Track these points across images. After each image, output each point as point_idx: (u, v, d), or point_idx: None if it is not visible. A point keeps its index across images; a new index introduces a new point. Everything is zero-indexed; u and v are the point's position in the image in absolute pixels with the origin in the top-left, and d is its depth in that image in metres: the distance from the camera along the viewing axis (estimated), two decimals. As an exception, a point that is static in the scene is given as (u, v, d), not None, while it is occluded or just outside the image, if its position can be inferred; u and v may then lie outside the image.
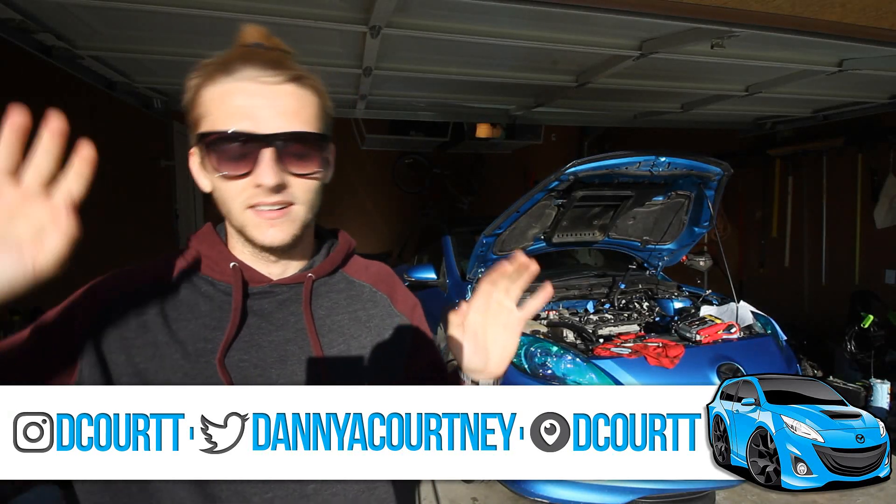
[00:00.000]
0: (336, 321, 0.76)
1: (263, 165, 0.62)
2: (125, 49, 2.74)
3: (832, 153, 4.99)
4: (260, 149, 0.62)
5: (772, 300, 5.30)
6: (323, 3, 2.20)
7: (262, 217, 0.65)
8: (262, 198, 0.64)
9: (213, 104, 0.63)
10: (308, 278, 0.74)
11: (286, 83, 0.64)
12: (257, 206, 0.65)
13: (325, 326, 0.74)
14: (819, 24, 2.19)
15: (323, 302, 0.76)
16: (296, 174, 0.65)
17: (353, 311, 0.78)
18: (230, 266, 0.70)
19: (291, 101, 0.64)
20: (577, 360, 2.48)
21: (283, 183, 0.64)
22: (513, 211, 2.78)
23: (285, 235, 0.67)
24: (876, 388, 3.73)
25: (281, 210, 0.65)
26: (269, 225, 0.65)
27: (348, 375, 0.74)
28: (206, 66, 0.65)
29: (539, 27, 2.47)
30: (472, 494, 2.84)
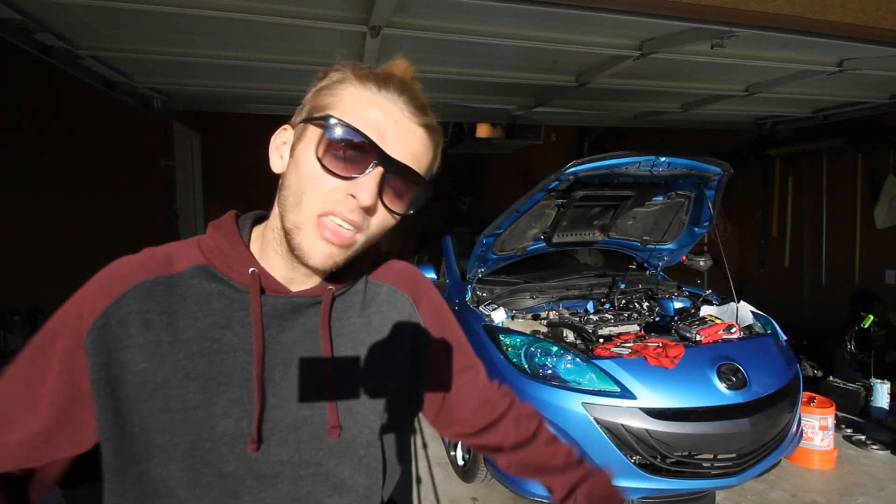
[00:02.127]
0: (346, 325, 0.72)
1: (368, 181, 0.60)
2: (125, 49, 2.74)
3: (832, 153, 4.99)
4: (375, 164, 0.60)
5: (772, 300, 5.31)
6: (323, 3, 2.20)
7: (323, 236, 0.61)
8: (342, 209, 0.61)
9: (352, 104, 0.62)
10: (328, 291, 0.70)
11: (423, 127, 0.64)
12: (329, 216, 0.61)
13: (336, 332, 0.71)
14: (819, 24, 2.19)
15: (337, 306, 0.72)
16: (386, 206, 0.64)
17: (367, 316, 0.74)
18: (249, 271, 0.66)
19: (420, 144, 0.64)
20: (577, 360, 2.48)
21: (373, 208, 0.62)
22: (513, 211, 2.78)
23: (331, 261, 0.63)
24: (876, 388, 3.73)
25: (344, 239, 0.62)
26: (325, 245, 0.62)
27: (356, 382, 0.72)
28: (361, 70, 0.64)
29: (539, 27, 2.47)
30: (473, 494, 2.84)
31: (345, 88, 0.63)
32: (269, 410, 0.66)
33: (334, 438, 0.69)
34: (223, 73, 3.23)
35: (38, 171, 3.58)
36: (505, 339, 2.68)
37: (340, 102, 0.62)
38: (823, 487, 2.90)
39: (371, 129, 0.60)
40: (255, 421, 0.64)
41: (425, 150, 0.65)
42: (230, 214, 0.72)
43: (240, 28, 2.42)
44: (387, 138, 0.61)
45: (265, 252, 0.69)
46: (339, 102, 0.62)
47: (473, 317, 2.96)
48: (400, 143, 0.62)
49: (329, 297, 0.70)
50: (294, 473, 0.67)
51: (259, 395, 0.65)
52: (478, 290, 3.26)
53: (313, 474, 0.68)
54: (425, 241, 4.63)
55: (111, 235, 4.10)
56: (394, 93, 0.62)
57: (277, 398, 0.66)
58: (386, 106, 0.62)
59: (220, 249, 0.67)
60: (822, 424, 3.06)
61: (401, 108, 0.62)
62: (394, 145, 0.61)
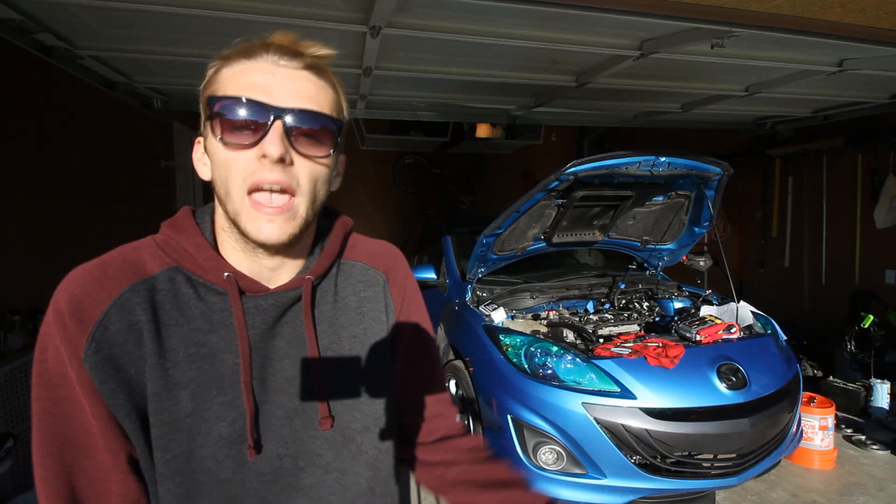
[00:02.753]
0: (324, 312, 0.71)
1: (271, 135, 0.59)
2: (125, 49, 2.74)
3: (832, 153, 4.99)
4: (270, 120, 0.59)
5: (772, 300, 5.31)
6: (323, 3, 2.20)
7: (261, 211, 0.61)
8: (264, 173, 0.59)
9: (229, 80, 0.61)
10: (307, 281, 0.69)
11: (304, 69, 0.62)
12: (258, 191, 0.60)
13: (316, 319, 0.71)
14: (819, 24, 2.19)
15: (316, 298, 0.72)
16: (303, 153, 0.62)
17: (343, 298, 0.74)
18: (224, 276, 0.65)
19: (308, 85, 0.62)
20: (577, 360, 2.48)
21: (287, 158, 0.60)
22: (513, 211, 2.78)
23: (282, 234, 0.62)
24: (876, 388, 3.73)
25: (280, 207, 0.61)
26: (267, 220, 0.61)
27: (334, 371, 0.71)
28: (226, 53, 0.63)
29: (539, 27, 2.47)
30: (472, 494, 2.84)
31: (219, 74, 0.63)
32: (262, 407, 0.65)
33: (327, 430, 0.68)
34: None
35: (37, 171, 3.58)
36: (505, 339, 2.68)
37: (220, 85, 0.62)
38: (823, 487, 2.90)
39: (255, 90, 0.60)
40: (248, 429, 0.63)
41: (319, 88, 0.63)
42: (186, 212, 0.69)
43: (240, 28, 2.41)
44: (273, 92, 0.60)
45: (226, 249, 0.67)
46: (220, 86, 0.62)
47: (473, 317, 2.96)
48: (286, 89, 0.60)
49: (308, 287, 0.69)
50: (293, 465, 0.66)
51: (250, 400, 0.64)
52: (478, 290, 3.26)
53: (312, 465, 0.67)
54: (425, 241, 4.63)
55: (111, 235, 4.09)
56: (262, 52, 0.61)
57: (267, 394, 0.66)
58: (259, 66, 0.61)
59: (186, 252, 0.65)
60: (822, 424, 3.06)
61: (274, 62, 0.61)
62: (280, 94, 0.60)
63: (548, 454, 2.40)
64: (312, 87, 0.62)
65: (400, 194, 7.68)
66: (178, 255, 0.65)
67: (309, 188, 0.63)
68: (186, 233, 0.66)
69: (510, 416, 2.46)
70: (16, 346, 3.26)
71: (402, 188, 7.67)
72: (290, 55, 0.62)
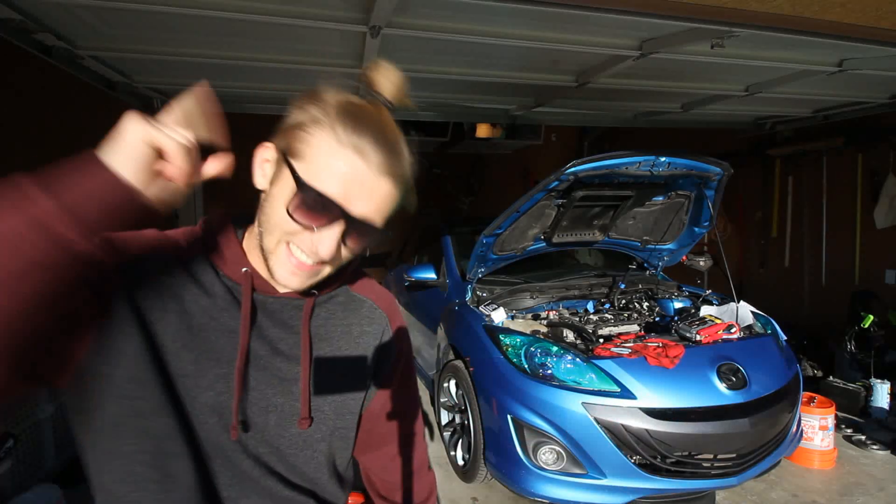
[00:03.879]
0: (329, 331, 0.79)
1: (329, 235, 0.64)
2: (125, 49, 2.74)
3: (832, 153, 4.99)
4: (337, 220, 0.64)
5: (772, 300, 5.31)
6: (323, 3, 2.20)
7: (291, 262, 0.67)
8: (306, 249, 0.66)
9: (320, 154, 0.64)
10: (311, 297, 0.77)
11: (390, 178, 0.66)
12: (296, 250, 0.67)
13: (318, 334, 0.77)
14: (819, 24, 2.19)
15: (320, 311, 0.79)
16: (345, 245, 0.68)
17: (348, 325, 0.81)
18: (242, 270, 0.72)
19: (384, 196, 0.66)
20: (577, 360, 2.48)
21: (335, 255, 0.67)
22: (513, 211, 2.78)
23: (301, 286, 0.70)
24: (876, 388, 3.73)
25: (310, 267, 0.68)
26: (292, 273, 0.68)
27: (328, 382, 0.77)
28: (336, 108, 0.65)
29: (539, 27, 2.47)
30: (473, 494, 2.84)
31: (317, 134, 0.64)
32: (250, 393, 0.71)
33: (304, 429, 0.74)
34: (223, 73, 3.23)
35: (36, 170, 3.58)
36: (505, 339, 2.68)
37: (312, 152, 0.64)
38: (823, 487, 2.90)
39: (337, 182, 0.63)
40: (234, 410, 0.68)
41: (389, 199, 0.67)
42: (223, 215, 0.77)
43: (240, 28, 2.41)
44: (352, 195, 0.64)
45: (253, 254, 0.74)
46: (311, 152, 0.64)
47: (473, 317, 2.96)
48: (364, 199, 0.64)
49: (311, 302, 0.76)
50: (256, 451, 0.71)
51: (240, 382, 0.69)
52: (478, 290, 3.26)
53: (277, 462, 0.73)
54: (425, 241, 4.63)
55: (111, 235, 4.10)
56: (366, 142, 0.63)
57: (257, 381, 0.72)
58: (354, 161, 0.63)
59: (218, 246, 0.73)
60: (822, 424, 3.06)
61: (369, 161, 0.63)
62: (358, 201, 0.64)
63: (548, 454, 2.40)
64: (387, 199, 0.67)
65: (400, 194, 7.67)
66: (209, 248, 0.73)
67: (338, 263, 0.71)
68: (223, 233, 0.74)
69: (510, 416, 2.46)
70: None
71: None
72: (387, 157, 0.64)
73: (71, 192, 0.46)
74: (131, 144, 0.49)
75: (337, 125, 0.63)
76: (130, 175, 0.49)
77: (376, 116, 0.66)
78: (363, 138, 0.63)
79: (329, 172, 0.63)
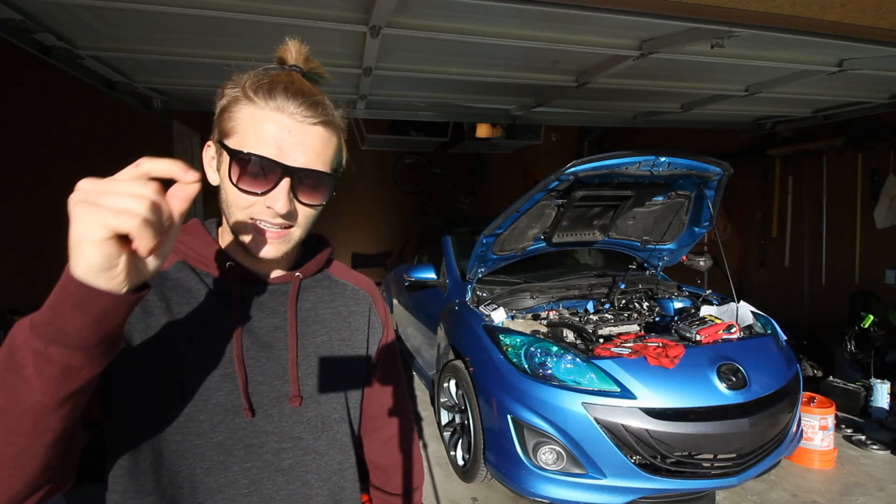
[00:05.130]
0: (320, 314, 0.82)
1: (279, 192, 0.67)
2: (125, 49, 2.74)
3: (832, 153, 4.99)
4: (280, 177, 0.67)
5: (772, 300, 5.31)
6: (323, 3, 2.20)
7: (260, 234, 0.70)
8: (267, 217, 0.69)
9: (247, 124, 0.68)
10: (296, 277, 0.80)
11: (317, 125, 0.69)
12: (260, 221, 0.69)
13: (310, 318, 0.81)
14: (819, 24, 2.19)
15: (308, 296, 0.82)
16: (303, 203, 0.71)
17: (336, 307, 0.85)
18: (227, 265, 0.75)
19: (318, 142, 0.69)
20: (577, 360, 2.48)
21: (292, 211, 0.70)
22: (513, 211, 2.78)
23: (277, 253, 0.72)
24: (876, 388, 3.73)
25: (278, 233, 0.70)
26: (266, 241, 0.71)
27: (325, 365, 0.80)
28: (250, 81, 0.69)
29: (539, 27, 2.47)
30: (473, 494, 2.84)
31: (239, 109, 0.69)
32: (256, 387, 0.73)
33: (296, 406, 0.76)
34: (223, 73, 3.21)
35: (37, 170, 3.58)
36: (505, 339, 2.68)
37: (240, 126, 0.68)
38: (823, 487, 2.90)
39: (270, 144, 0.67)
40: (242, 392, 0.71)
41: (326, 143, 0.70)
42: (196, 222, 0.79)
43: (240, 28, 2.41)
44: (286, 148, 0.67)
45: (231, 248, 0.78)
46: (239, 126, 0.68)
47: (473, 317, 2.96)
48: (299, 147, 0.68)
49: (297, 283, 0.80)
50: (277, 445, 0.74)
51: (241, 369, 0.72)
52: (478, 290, 3.26)
53: (294, 448, 0.75)
54: (425, 241, 4.63)
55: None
56: (282, 99, 0.67)
57: (263, 375, 0.74)
58: (277, 118, 0.67)
59: (195, 250, 0.76)
60: (822, 424, 3.06)
61: (291, 114, 0.67)
62: (294, 153, 0.67)
63: (548, 454, 2.40)
64: (321, 144, 0.70)
65: (400, 194, 7.68)
66: (185, 254, 0.76)
67: (304, 222, 0.73)
68: (198, 236, 0.77)
69: (510, 416, 2.46)
70: (16, 346, 3.25)
71: (402, 188, 7.67)
72: (307, 109, 0.67)
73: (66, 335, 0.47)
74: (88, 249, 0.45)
75: (252, 94, 0.68)
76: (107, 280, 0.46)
77: (287, 78, 0.70)
78: (278, 97, 0.67)
79: (258, 137, 0.67)
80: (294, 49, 0.74)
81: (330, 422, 0.79)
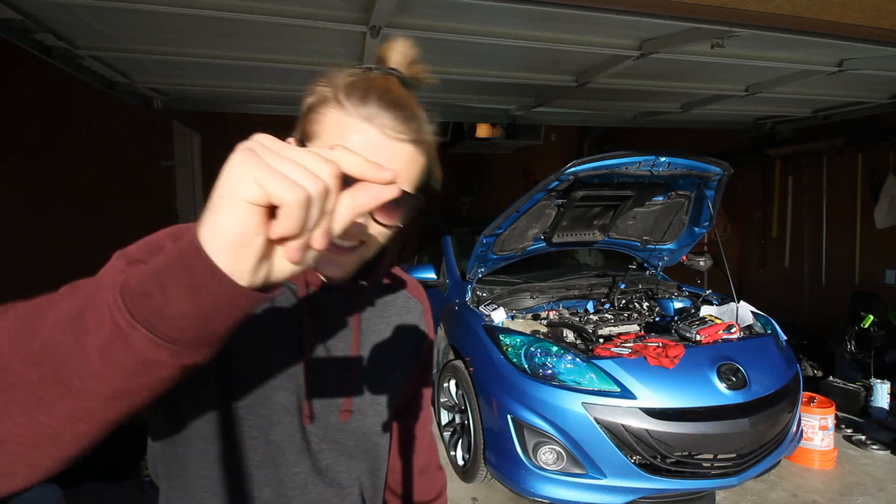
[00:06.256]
0: (376, 326, 0.80)
1: None
2: (125, 49, 2.74)
3: (832, 153, 4.99)
4: None
5: (772, 300, 5.31)
6: (323, 3, 2.20)
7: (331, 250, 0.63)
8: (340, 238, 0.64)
9: (332, 130, 0.63)
10: (361, 286, 0.76)
11: (406, 143, 0.64)
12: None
13: (368, 329, 0.78)
14: (819, 24, 2.19)
15: (367, 306, 0.79)
16: (379, 223, 0.64)
17: (389, 318, 0.82)
18: None
19: (404, 161, 0.64)
20: (577, 360, 2.48)
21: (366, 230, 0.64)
22: (513, 211, 2.78)
23: (342, 272, 0.67)
24: (876, 388, 3.73)
25: (348, 250, 0.65)
26: (331, 260, 0.66)
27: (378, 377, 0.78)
28: (344, 82, 0.64)
29: (539, 27, 2.47)
30: (473, 494, 2.84)
31: (327, 112, 0.64)
32: (315, 389, 0.72)
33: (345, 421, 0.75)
34: (223, 73, 3.23)
35: (37, 171, 3.58)
36: (505, 339, 2.68)
37: (324, 131, 0.64)
38: (823, 487, 2.90)
39: None
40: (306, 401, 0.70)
41: (411, 164, 0.66)
42: None
43: (240, 28, 2.41)
44: None
45: None
46: (323, 131, 0.64)
47: (473, 317, 2.96)
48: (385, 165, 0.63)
49: (362, 293, 0.77)
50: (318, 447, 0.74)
51: (307, 376, 0.71)
52: (478, 290, 3.26)
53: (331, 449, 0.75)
54: (425, 241, 4.63)
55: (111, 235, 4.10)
56: (374, 109, 0.62)
57: (320, 375, 0.73)
58: (366, 129, 0.62)
59: None
60: (822, 424, 3.06)
61: (381, 126, 0.62)
62: None
63: (548, 454, 2.40)
64: (406, 164, 0.65)
65: (400, 194, 7.67)
66: None
67: (376, 242, 0.67)
68: None
69: (510, 416, 2.46)
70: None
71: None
72: (401, 123, 0.63)
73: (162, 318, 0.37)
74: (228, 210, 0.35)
75: (343, 99, 0.63)
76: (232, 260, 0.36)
77: (383, 84, 0.65)
78: (370, 106, 0.62)
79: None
80: (400, 50, 0.69)
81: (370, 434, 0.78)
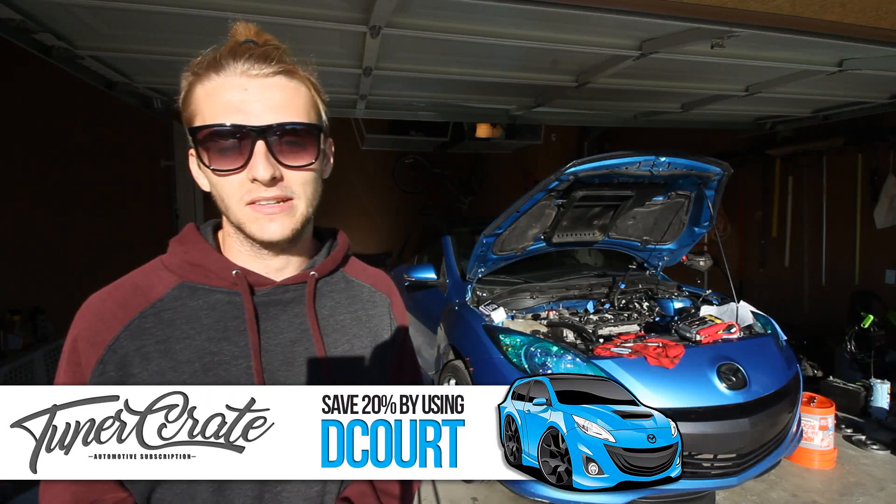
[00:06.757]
0: (339, 321, 0.76)
1: (256, 159, 0.61)
2: (125, 49, 2.73)
3: (832, 153, 4.99)
4: (252, 142, 0.61)
5: (772, 300, 5.31)
6: (323, 3, 2.20)
7: (261, 212, 0.64)
8: (259, 193, 0.63)
9: (204, 101, 0.63)
10: (311, 277, 0.74)
11: (276, 76, 0.63)
12: (256, 203, 0.64)
13: (329, 326, 0.75)
14: (819, 24, 2.19)
15: (326, 301, 0.76)
16: (290, 166, 0.64)
17: (354, 311, 0.79)
18: (233, 273, 0.69)
19: (282, 93, 0.63)
20: (577, 360, 2.48)
21: (277, 175, 0.63)
22: (513, 211, 2.78)
23: (285, 230, 0.66)
24: (876, 388, 3.73)
25: (280, 204, 0.65)
26: (269, 220, 0.65)
27: (350, 375, 0.75)
28: (197, 64, 0.65)
29: (539, 27, 2.47)
30: (473, 494, 2.84)
31: (195, 90, 0.64)
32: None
33: None
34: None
35: (37, 171, 3.58)
36: (505, 339, 2.68)
37: (198, 106, 0.63)
38: (823, 487, 2.90)
39: (232, 111, 0.61)
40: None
41: (292, 94, 0.65)
42: (191, 227, 0.74)
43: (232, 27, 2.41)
44: (249, 109, 0.61)
45: (233, 254, 0.71)
46: (198, 107, 0.64)
47: (473, 317, 2.96)
48: (260, 104, 0.62)
49: (312, 282, 0.73)
50: None
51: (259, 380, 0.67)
52: (478, 290, 3.26)
53: None
54: (425, 241, 4.63)
55: (111, 235, 4.10)
56: (231, 64, 0.62)
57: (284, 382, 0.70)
58: (231, 81, 0.62)
59: (194, 262, 0.69)
60: (822, 424, 3.06)
61: (244, 73, 0.62)
62: (256, 111, 0.61)
63: (548, 454, 2.40)
64: (286, 94, 0.64)
65: (400, 194, 7.68)
66: (183, 270, 0.69)
67: (303, 191, 0.67)
68: (193, 243, 0.71)
69: (510, 416, 2.46)
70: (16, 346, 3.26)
71: (403, 188, 7.67)
72: (259, 61, 0.62)
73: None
74: None
75: (201, 71, 0.64)
76: None
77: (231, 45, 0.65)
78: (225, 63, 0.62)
79: (215, 109, 0.62)
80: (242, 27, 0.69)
81: None
